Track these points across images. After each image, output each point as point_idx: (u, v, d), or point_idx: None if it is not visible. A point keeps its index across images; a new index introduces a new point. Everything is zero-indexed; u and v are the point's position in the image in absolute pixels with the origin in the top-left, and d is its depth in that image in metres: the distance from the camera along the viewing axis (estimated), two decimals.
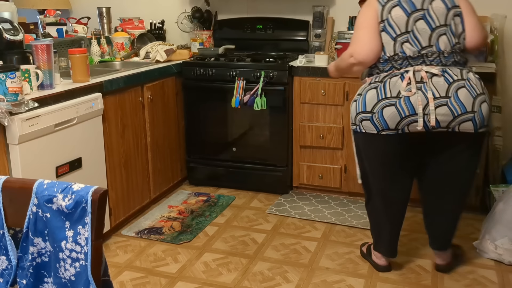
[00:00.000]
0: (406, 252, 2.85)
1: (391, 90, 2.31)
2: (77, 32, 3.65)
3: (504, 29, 3.50)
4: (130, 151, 3.15)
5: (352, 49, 2.42)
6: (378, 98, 2.33)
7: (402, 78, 2.31)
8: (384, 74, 2.38)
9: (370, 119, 2.35)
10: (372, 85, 2.38)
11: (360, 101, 2.40)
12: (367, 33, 2.38)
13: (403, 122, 2.31)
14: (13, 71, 2.29)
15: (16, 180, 1.29)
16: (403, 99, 2.28)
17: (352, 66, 2.47)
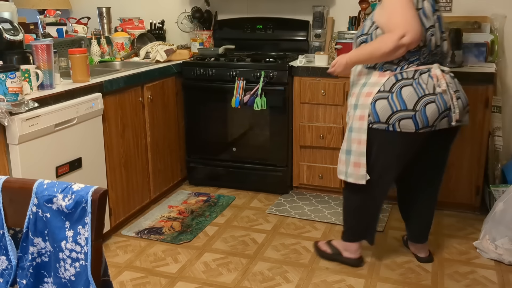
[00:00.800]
0: (406, 252, 2.85)
1: (428, 87, 2.31)
2: (77, 32, 3.66)
3: (504, 29, 3.51)
4: (130, 151, 3.15)
5: (404, 28, 2.19)
6: (419, 95, 2.30)
7: (430, 76, 2.32)
8: (410, 68, 2.34)
9: (413, 118, 2.31)
10: (403, 82, 2.32)
11: (395, 99, 2.31)
12: (415, 13, 2.24)
13: (439, 119, 2.33)
14: (13, 71, 2.28)
15: (16, 180, 1.29)
16: (439, 95, 2.31)
17: (398, 49, 2.23)
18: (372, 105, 2.35)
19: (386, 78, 2.35)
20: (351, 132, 2.46)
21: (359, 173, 2.45)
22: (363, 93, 2.40)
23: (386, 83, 2.34)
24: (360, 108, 2.41)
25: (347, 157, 2.49)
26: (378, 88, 2.35)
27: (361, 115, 2.40)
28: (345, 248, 2.71)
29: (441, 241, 2.98)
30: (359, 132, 2.41)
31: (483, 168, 3.22)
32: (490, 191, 3.23)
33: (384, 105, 2.33)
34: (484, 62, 3.30)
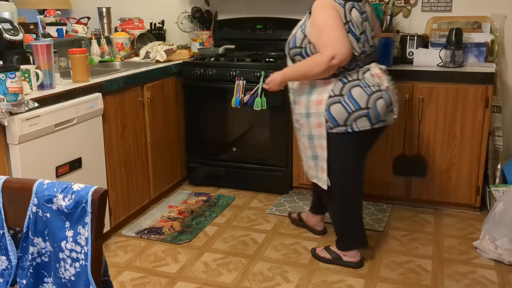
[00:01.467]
0: (406, 252, 2.86)
1: (373, 85, 2.45)
2: (77, 32, 3.66)
3: (504, 29, 3.51)
4: (130, 151, 3.15)
5: (333, 50, 2.32)
6: (368, 94, 2.43)
7: (371, 74, 2.46)
8: (352, 72, 2.46)
9: (367, 115, 2.43)
10: (351, 83, 2.44)
11: (348, 101, 2.42)
12: (343, 33, 2.36)
13: (387, 113, 2.50)
14: (13, 71, 2.28)
15: (16, 180, 1.29)
16: (384, 92, 2.46)
17: (329, 70, 2.37)
18: (327, 111, 2.44)
19: (333, 84, 2.45)
20: (312, 140, 2.55)
21: (323, 178, 2.57)
22: (313, 101, 2.49)
23: (334, 88, 2.45)
24: (314, 116, 2.50)
25: (316, 162, 2.59)
26: (327, 94, 2.45)
27: (318, 122, 2.48)
28: (343, 254, 2.73)
29: (441, 241, 2.98)
30: (320, 139, 2.51)
31: (483, 168, 3.22)
32: (490, 191, 3.23)
33: (339, 109, 2.43)
34: (484, 62, 3.30)
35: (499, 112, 3.43)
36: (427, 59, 3.31)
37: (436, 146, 3.27)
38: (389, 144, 3.36)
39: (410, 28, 3.69)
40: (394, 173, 3.38)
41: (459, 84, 3.15)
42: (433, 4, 3.63)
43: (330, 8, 2.39)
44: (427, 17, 3.65)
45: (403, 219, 3.26)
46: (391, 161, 3.37)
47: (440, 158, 3.27)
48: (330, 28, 2.35)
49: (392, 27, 3.61)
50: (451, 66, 3.22)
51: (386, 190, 3.44)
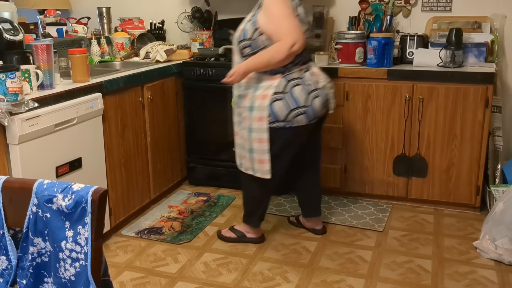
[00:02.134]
0: (406, 252, 2.86)
1: (312, 83, 2.64)
2: (77, 32, 3.66)
3: (504, 29, 3.51)
4: (130, 151, 3.15)
5: (293, 38, 2.46)
6: (307, 92, 2.61)
7: (310, 73, 2.66)
8: (295, 69, 2.61)
9: (305, 113, 2.61)
10: (294, 82, 2.60)
11: (290, 98, 2.58)
12: (298, 21, 2.52)
13: (322, 108, 2.69)
14: (13, 71, 2.28)
15: (16, 180, 1.29)
16: (321, 90, 2.66)
17: (290, 56, 2.52)
18: (270, 106, 2.58)
19: (278, 81, 2.59)
20: (251, 133, 2.66)
21: (264, 169, 2.69)
22: (258, 96, 2.62)
23: (279, 84, 2.59)
24: (257, 110, 2.62)
25: (251, 155, 2.71)
26: (272, 90, 2.59)
27: (260, 116, 2.61)
28: (247, 230, 2.96)
29: (441, 241, 2.98)
30: (260, 132, 2.63)
31: (483, 168, 3.22)
32: (490, 191, 3.23)
33: (281, 105, 2.58)
34: (484, 62, 3.30)
35: (499, 112, 3.43)
36: (427, 59, 3.31)
37: (436, 146, 3.27)
38: (389, 144, 3.36)
39: (410, 28, 3.69)
40: (394, 173, 3.39)
41: (459, 84, 3.15)
42: (433, 4, 3.63)
43: (283, 0, 2.53)
44: (427, 17, 3.65)
45: (403, 219, 3.26)
46: (391, 161, 3.38)
47: (440, 158, 3.27)
48: (287, 17, 2.50)
49: (392, 27, 3.61)
50: (451, 66, 3.22)
51: (386, 190, 3.44)
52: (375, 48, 3.27)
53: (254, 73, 2.66)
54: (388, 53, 3.29)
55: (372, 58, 3.30)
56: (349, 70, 3.35)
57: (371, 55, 3.30)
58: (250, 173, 2.76)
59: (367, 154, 3.42)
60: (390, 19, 3.54)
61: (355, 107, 3.37)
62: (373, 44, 3.28)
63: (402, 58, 3.46)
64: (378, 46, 3.26)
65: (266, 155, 2.65)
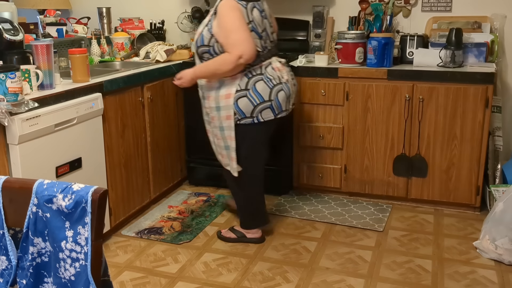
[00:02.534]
0: (406, 252, 2.86)
1: (274, 78, 2.71)
2: (77, 32, 3.65)
3: (504, 29, 3.51)
4: (130, 151, 3.15)
5: (240, 50, 2.55)
6: (270, 87, 2.69)
7: (272, 68, 2.72)
8: (256, 66, 2.69)
9: (270, 107, 2.70)
10: (255, 78, 2.68)
11: (253, 94, 2.67)
12: (248, 34, 2.59)
13: (288, 103, 2.79)
14: (13, 71, 2.29)
15: (16, 180, 1.29)
16: (284, 84, 2.74)
17: (237, 68, 2.61)
18: (235, 104, 2.66)
19: (239, 79, 2.67)
20: (223, 131, 2.74)
21: (233, 166, 2.78)
22: (222, 95, 2.69)
23: (240, 83, 2.67)
24: (224, 109, 2.70)
25: (227, 152, 2.78)
26: (235, 88, 2.66)
27: (227, 115, 2.69)
28: (247, 232, 2.98)
29: (441, 241, 2.98)
30: (229, 130, 2.72)
31: (483, 168, 3.22)
32: (490, 191, 3.23)
33: (245, 102, 2.67)
34: (484, 62, 3.30)
35: (499, 112, 3.43)
36: (427, 59, 3.31)
37: (436, 146, 3.27)
38: (389, 144, 3.36)
39: (410, 28, 3.69)
40: (394, 173, 3.39)
41: (459, 84, 3.15)
42: (433, 4, 3.63)
43: (235, 10, 2.59)
44: (427, 17, 3.65)
45: (403, 219, 3.26)
46: (391, 161, 3.38)
47: (440, 158, 3.27)
48: (236, 30, 2.58)
49: (392, 27, 3.61)
50: (451, 66, 3.22)
51: (386, 190, 3.44)
52: (375, 48, 3.27)
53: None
54: (388, 53, 3.29)
55: (372, 58, 3.30)
56: (349, 70, 3.35)
57: (371, 55, 3.30)
58: (228, 169, 2.84)
59: (367, 154, 3.42)
60: (390, 19, 3.54)
61: (355, 107, 3.37)
62: (373, 44, 3.28)
63: (402, 58, 3.46)
64: (378, 46, 3.26)
65: (234, 152, 2.75)
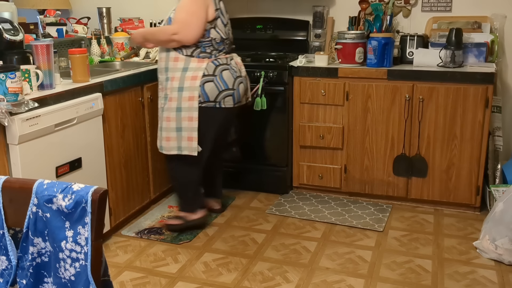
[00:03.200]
0: (406, 252, 2.86)
1: (236, 71, 2.92)
2: (77, 32, 3.65)
3: (504, 29, 3.51)
4: (130, 151, 3.15)
5: (177, 28, 2.74)
6: (234, 77, 2.90)
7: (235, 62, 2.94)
8: (221, 56, 2.89)
9: (232, 95, 2.89)
10: (222, 66, 2.87)
11: (219, 81, 2.84)
12: (197, 20, 2.75)
13: (244, 95, 3.00)
14: (13, 71, 2.28)
15: (16, 180, 1.29)
16: (244, 78, 2.98)
17: (169, 42, 2.79)
18: (201, 87, 2.80)
19: (206, 64, 2.83)
20: (180, 112, 2.84)
21: (193, 146, 2.86)
22: (188, 77, 2.82)
23: (207, 67, 2.83)
24: (187, 90, 2.82)
25: (178, 134, 2.87)
26: (202, 72, 2.81)
27: (190, 96, 2.81)
28: (189, 215, 3.08)
29: (441, 241, 2.98)
30: (190, 111, 2.83)
31: (483, 168, 3.22)
32: (490, 191, 3.23)
33: (212, 87, 2.83)
34: (484, 62, 3.30)
35: (499, 112, 3.43)
36: (427, 59, 3.31)
37: (436, 146, 3.27)
38: (389, 144, 3.36)
39: (410, 28, 3.69)
40: (394, 173, 3.39)
41: (459, 84, 3.15)
42: (433, 4, 3.63)
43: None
44: (427, 17, 3.65)
45: (403, 219, 3.26)
46: (391, 161, 3.38)
47: (440, 158, 3.27)
48: (185, 11, 2.76)
49: (392, 27, 3.61)
50: (451, 66, 3.22)
51: (386, 190, 3.44)
52: (375, 48, 3.27)
53: (181, 56, 2.84)
54: (388, 53, 3.29)
55: (372, 58, 3.30)
56: (349, 70, 3.35)
57: (371, 55, 3.30)
58: (173, 152, 2.90)
59: (367, 154, 3.42)
60: (390, 19, 3.54)
61: (355, 107, 3.37)
62: (373, 44, 3.28)
63: (402, 58, 3.46)
64: (378, 46, 3.26)
65: (195, 132, 2.84)
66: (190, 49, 2.83)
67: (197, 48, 2.83)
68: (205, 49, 2.83)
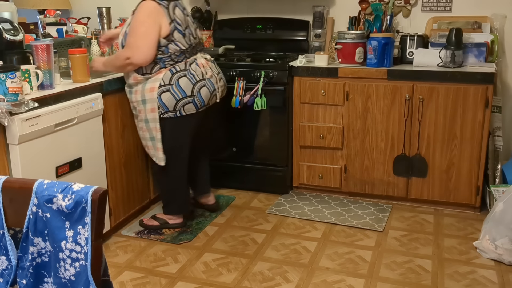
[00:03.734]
0: (406, 252, 2.86)
1: (197, 74, 2.89)
2: (77, 32, 3.65)
3: (504, 29, 3.51)
4: (130, 151, 3.15)
5: (129, 53, 2.74)
6: (193, 83, 2.86)
7: (197, 64, 2.90)
8: (180, 63, 2.85)
9: (193, 102, 2.87)
10: (179, 74, 2.83)
11: (176, 89, 2.82)
12: (147, 41, 2.73)
13: (211, 98, 2.97)
14: (13, 71, 2.28)
15: (16, 180, 1.29)
16: (207, 80, 2.93)
17: (126, 66, 2.79)
18: (158, 98, 2.81)
19: (163, 74, 2.82)
20: (148, 123, 2.88)
21: (159, 156, 2.92)
22: (147, 89, 2.83)
23: (164, 77, 2.81)
24: (149, 102, 2.83)
25: (153, 143, 2.92)
26: (158, 83, 2.81)
27: (152, 107, 2.83)
28: (169, 218, 3.13)
29: (441, 241, 2.98)
30: (154, 122, 2.86)
31: (483, 168, 3.22)
32: (490, 191, 3.23)
33: (168, 97, 2.82)
34: (484, 62, 3.30)
35: (499, 112, 3.43)
36: (427, 59, 3.31)
37: (436, 146, 3.27)
38: (389, 144, 3.36)
39: (410, 28, 3.69)
40: (394, 173, 3.39)
41: (459, 84, 3.15)
42: (433, 4, 3.63)
43: (150, 15, 2.73)
44: (427, 17, 3.65)
45: (403, 219, 3.26)
46: (391, 161, 3.38)
47: (440, 158, 3.27)
48: (134, 35, 2.75)
49: (392, 27, 3.61)
50: (451, 66, 3.22)
51: (386, 190, 3.44)
52: (375, 48, 3.27)
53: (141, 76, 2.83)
54: (388, 53, 3.29)
55: (372, 58, 3.30)
56: (349, 70, 3.35)
57: (371, 55, 3.30)
58: (154, 159, 2.96)
59: (367, 154, 3.42)
60: (390, 19, 3.54)
61: (355, 107, 3.37)
62: (373, 44, 3.28)
63: (402, 58, 3.46)
64: (378, 46, 3.26)
65: (159, 143, 2.89)
66: (149, 66, 2.80)
67: (156, 64, 2.81)
68: (164, 64, 2.82)
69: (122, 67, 2.82)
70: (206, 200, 3.36)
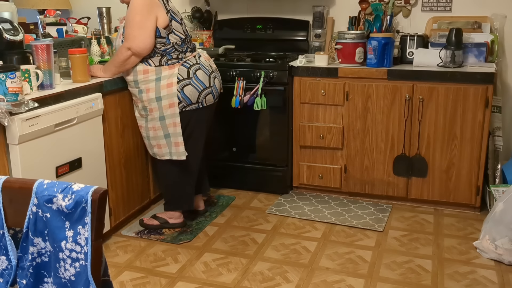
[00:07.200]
0: (406, 252, 2.86)
1: (208, 67, 2.96)
2: (77, 32, 3.65)
3: (504, 29, 3.51)
4: (130, 151, 3.15)
5: (128, 43, 2.77)
6: (207, 74, 2.94)
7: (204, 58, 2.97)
8: (188, 55, 2.91)
9: (211, 92, 2.96)
10: (194, 67, 2.89)
11: (196, 82, 2.88)
12: (143, 31, 2.75)
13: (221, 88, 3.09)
14: (13, 71, 2.28)
15: (16, 180, 1.29)
16: (215, 72, 3.03)
17: (129, 58, 2.80)
18: (181, 92, 2.84)
19: (177, 69, 2.85)
20: (164, 120, 2.88)
21: (180, 151, 2.91)
22: (163, 86, 2.84)
23: (180, 72, 2.85)
24: (166, 98, 2.84)
25: (168, 140, 2.91)
26: (176, 78, 2.83)
27: (170, 103, 2.84)
28: (169, 217, 3.12)
29: (441, 241, 2.98)
30: (173, 117, 2.86)
31: (483, 168, 3.22)
32: (490, 191, 3.23)
33: (191, 90, 2.86)
34: (484, 62, 3.30)
35: (499, 112, 3.43)
36: (427, 59, 3.31)
37: (436, 146, 3.27)
38: (389, 144, 3.36)
39: (410, 28, 3.69)
40: (394, 173, 3.39)
41: (459, 84, 3.15)
42: (433, 4, 3.63)
43: (143, 5, 2.75)
44: (427, 17, 3.65)
45: (403, 219, 3.27)
46: (391, 161, 3.38)
47: (440, 158, 3.27)
48: (130, 26, 2.77)
49: (392, 27, 3.61)
50: (451, 66, 3.23)
51: (386, 190, 3.44)
52: (375, 48, 3.27)
53: (150, 67, 2.85)
54: (388, 53, 3.29)
55: (372, 58, 3.30)
56: (349, 70, 3.35)
57: (371, 55, 3.30)
58: (167, 158, 2.95)
59: (367, 154, 3.42)
60: (390, 19, 3.54)
61: (355, 107, 3.37)
62: (373, 44, 3.28)
63: (402, 58, 3.46)
64: (378, 46, 3.26)
65: (180, 137, 2.89)
66: (157, 59, 2.83)
67: (163, 57, 2.84)
68: (171, 56, 2.84)
69: (124, 61, 2.82)
70: (197, 205, 3.29)
